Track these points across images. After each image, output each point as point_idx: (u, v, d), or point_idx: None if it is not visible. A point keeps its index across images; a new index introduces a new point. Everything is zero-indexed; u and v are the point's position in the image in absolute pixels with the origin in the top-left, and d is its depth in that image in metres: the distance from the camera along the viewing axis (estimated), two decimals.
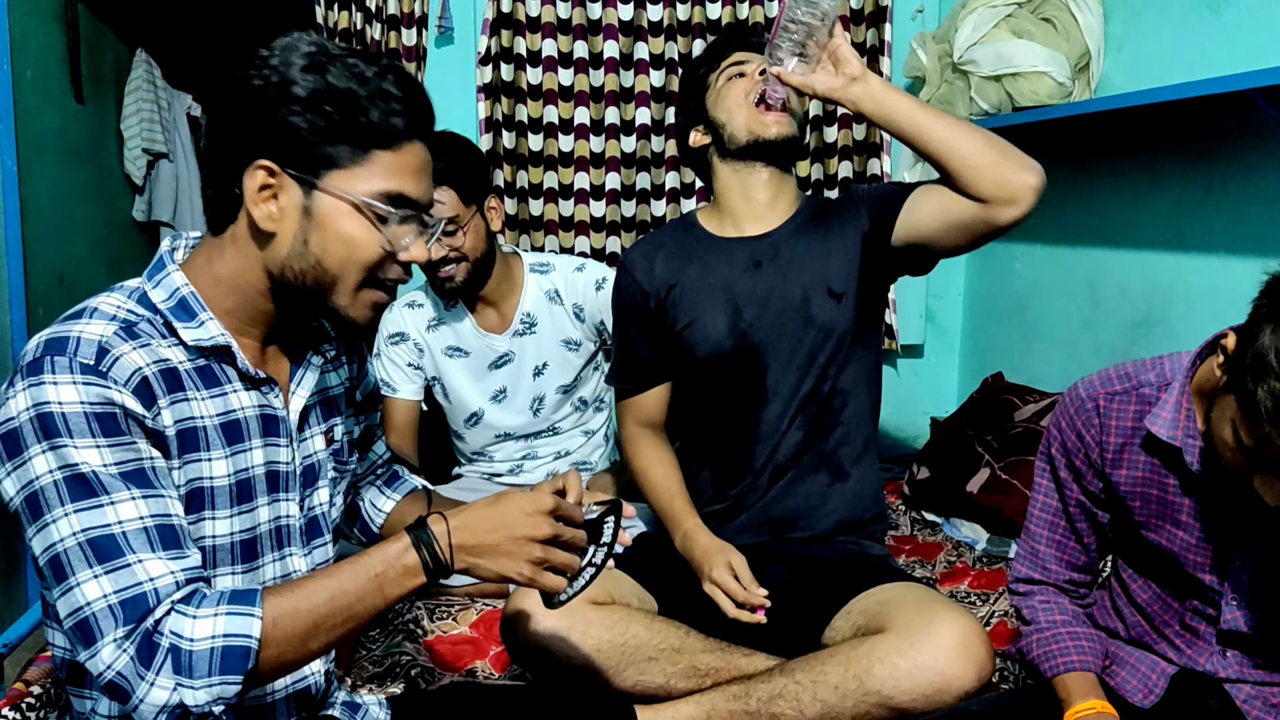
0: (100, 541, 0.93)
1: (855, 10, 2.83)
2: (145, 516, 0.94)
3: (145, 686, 0.90)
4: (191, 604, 0.93)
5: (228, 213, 1.05)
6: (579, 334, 2.19)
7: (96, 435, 0.94)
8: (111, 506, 0.93)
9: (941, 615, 1.44)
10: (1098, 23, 2.39)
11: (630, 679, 1.51)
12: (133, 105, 3.31)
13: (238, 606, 0.94)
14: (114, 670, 0.91)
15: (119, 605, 0.91)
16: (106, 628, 0.91)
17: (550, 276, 2.19)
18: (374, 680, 1.65)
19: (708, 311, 1.72)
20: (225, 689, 0.92)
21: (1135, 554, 1.34)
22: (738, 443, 1.74)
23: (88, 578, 0.92)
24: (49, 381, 0.94)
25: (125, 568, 0.92)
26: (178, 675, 0.91)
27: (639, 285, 1.79)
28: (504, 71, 2.82)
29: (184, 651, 0.91)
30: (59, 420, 0.93)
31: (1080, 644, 1.31)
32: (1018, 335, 2.81)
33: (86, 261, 2.99)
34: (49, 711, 1.42)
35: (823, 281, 1.69)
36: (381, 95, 1.02)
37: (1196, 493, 1.23)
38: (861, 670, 1.42)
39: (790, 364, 1.70)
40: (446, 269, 2.03)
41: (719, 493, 1.76)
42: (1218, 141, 2.05)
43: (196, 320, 1.04)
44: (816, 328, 1.68)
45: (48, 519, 0.93)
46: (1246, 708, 1.24)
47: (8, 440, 0.95)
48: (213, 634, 0.92)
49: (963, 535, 2.26)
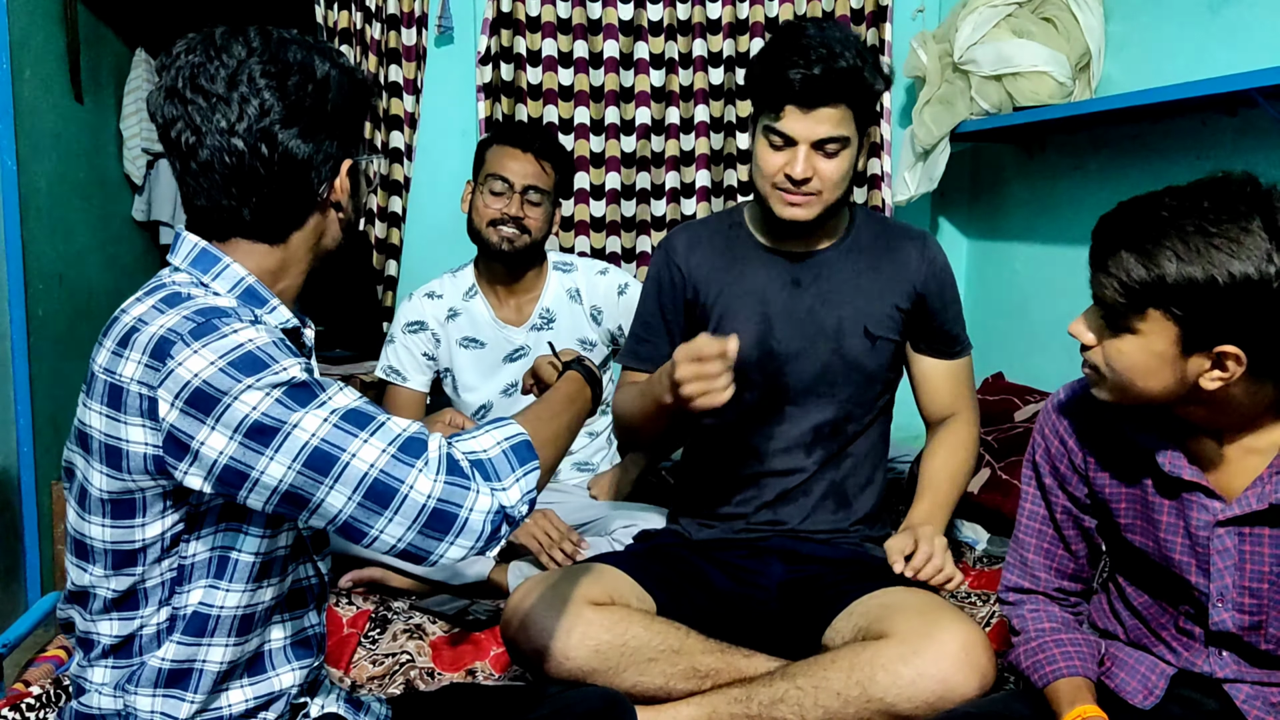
0: (349, 414, 0.97)
1: (855, 10, 2.83)
2: (359, 399, 1.00)
3: (472, 496, 0.96)
4: (453, 437, 1.02)
5: (295, 218, 1.09)
6: (594, 335, 2.20)
7: (293, 356, 0.99)
8: (340, 393, 0.99)
9: (944, 623, 1.44)
10: (1098, 22, 2.39)
11: (629, 680, 1.51)
12: (132, 105, 3.31)
13: (495, 423, 1.05)
14: (435, 498, 0.95)
15: (402, 450, 0.96)
16: (402, 471, 0.95)
17: (572, 275, 2.20)
18: (374, 680, 1.65)
19: (739, 319, 1.69)
20: (529, 479, 1.00)
21: (1124, 558, 1.34)
22: (748, 455, 1.73)
23: (358, 445, 0.95)
24: (229, 331, 0.97)
25: (384, 425, 0.97)
26: (490, 481, 0.98)
27: (679, 270, 1.76)
28: (504, 71, 2.82)
29: (484, 462, 0.99)
30: (258, 353, 0.97)
31: (1067, 650, 1.31)
32: (1018, 335, 2.81)
33: (86, 261, 2.99)
34: (49, 711, 1.42)
35: (860, 320, 1.69)
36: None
37: (1173, 494, 1.23)
38: (864, 677, 1.42)
39: (811, 390, 1.70)
40: (510, 229, 2.08)
41: (724, 496, 1.76)
42: (1218, 141, 2.05)
43: (268, 306, 1.08)
44: (845, 362, 1.69)
45: (287, 427, 0.94)
46: (1246, 708, 1.24)
47: (199, 398, 0.95)
48: (495, 442, 1.01)
49: (963, 535, 2.26)
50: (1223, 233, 1.05)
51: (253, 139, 1.02)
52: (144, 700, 1.07)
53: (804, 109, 1.55)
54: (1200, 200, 1.08)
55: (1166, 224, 1.07)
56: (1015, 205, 2.81)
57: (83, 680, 1.10)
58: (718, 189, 2.96)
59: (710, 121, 2.92)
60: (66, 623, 1.14)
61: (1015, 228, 2.80)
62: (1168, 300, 1.08)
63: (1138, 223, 1.10)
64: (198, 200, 1.06)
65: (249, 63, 1.02)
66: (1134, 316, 1.11)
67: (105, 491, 1.02)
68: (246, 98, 1.02)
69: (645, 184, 2.92)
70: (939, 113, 2.58)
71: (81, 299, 2.91)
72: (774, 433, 1.71)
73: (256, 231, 1.07)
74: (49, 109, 2.76)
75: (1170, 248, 1.06)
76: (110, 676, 1.08)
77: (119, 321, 1.02)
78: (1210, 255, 1.05)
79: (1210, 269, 1.05)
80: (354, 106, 1.11)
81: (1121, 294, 1.10)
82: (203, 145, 1.03)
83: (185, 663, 1.06)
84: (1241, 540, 1.20)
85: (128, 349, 0.98)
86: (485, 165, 2.11)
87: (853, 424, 1.72)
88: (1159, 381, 1.13)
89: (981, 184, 3.00)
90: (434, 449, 0.97)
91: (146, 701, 1.07)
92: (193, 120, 1.02)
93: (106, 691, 1.08)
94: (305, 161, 1.06)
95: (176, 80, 1.03)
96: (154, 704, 1.07)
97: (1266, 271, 1.04)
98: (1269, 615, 1.22)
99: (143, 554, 1.04)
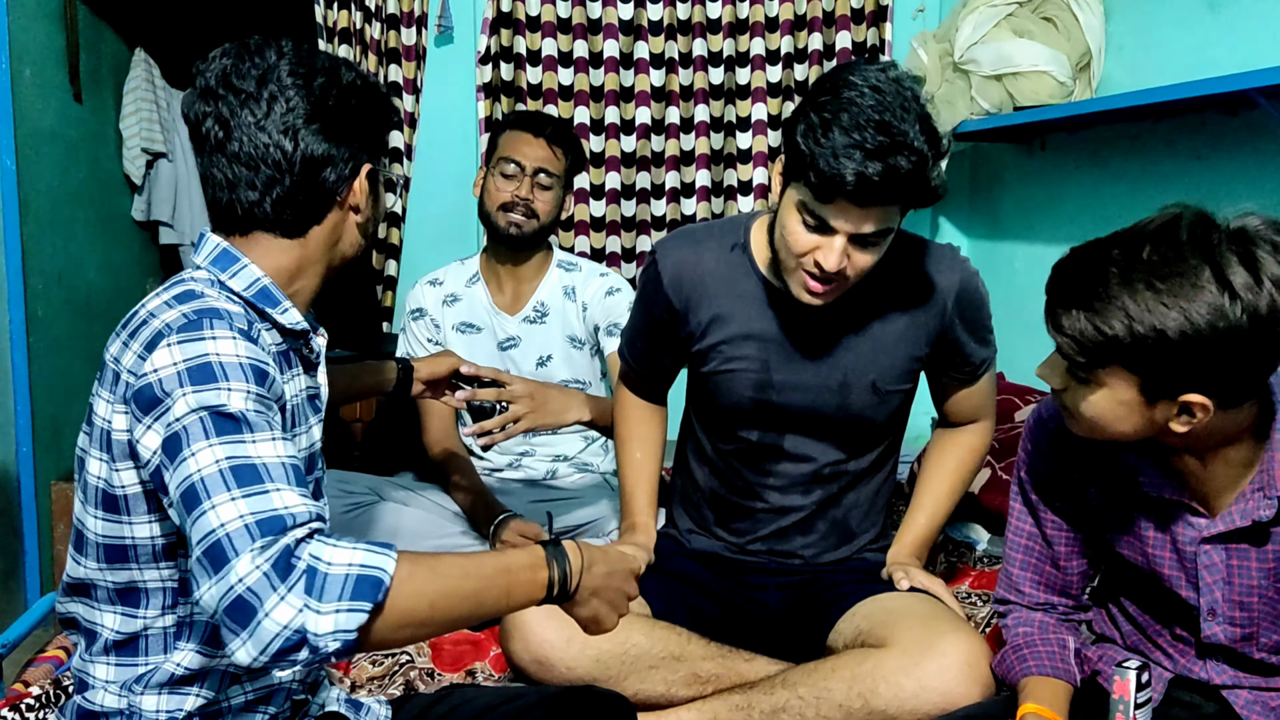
0: (240, 468, 0.92)
1: (855, 10, 2.82)
2: (283, 456, 0.96)
3: (275, 600, 0.85)
4: (330, 536, 0.92)
5: (314, 214, 1.12)
6: (583, 333, 2.20)
7: (249, 382, 0.98)
8: (263, 442, 0.95)
9: (947, 634, 1.42)
10: (1098, 22, 2.39)
11: (631, 687, 1.49)
12: (132, 105, 3.30)
13: (376, 547, 0.92)
14: (245, 585, 0.86)
15: (255, 524, 0.89)
16: (241, 545, 0.87)
17: (573, 275, 2.22)
18: (374, 680, 1.65)
19: (736, 365, 1.58)
20: (350, 618, 0.87)
21: (1117, 570, 1.34)
22: (745, 486, 1.67)
23: (222, 500, 0.90)
24: (208, 337, 0.98)
25: (262, 492, 0.91)
26: (308, 596, 0.86)
27: (667, 298, 1.60)
28: (504, 71, 2.82)
29: (319, 573, 0.87)
30: (216, 367, 0.97)
31: (1038, 650, 1.31)
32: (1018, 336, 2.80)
33: (85, 261, 2.99)
34: (49, 711, 1.42)
35: (868, 373, 1.57)
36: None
37: (1158, 509, 1.23)
38: (866, 689, 1.40)
39: (812, 437, 1.62)
40: (518, 213, 2.09)
41: (719, 518, 1.71)
42: (1218, 141, 2.05)
43: (281, 306, 1.11)
44: (849, 414, 1.59)
45: (185, 453, 0.93)
46: (1246, 713, 1.24)
47: (146, 394, 0.97)
48: (349, 562, 0.89)
49: (963, 535, 2.26)
50: (1171, 289, 1.03)
51: (277, 133, 1.07)
52: (150, 700, 1.08)
53: (856, 205, 1.34)
54: (1150, 252, 1.05)
55: (1115, 280, 1.05)
56: (1015, 205, 2.81)
57: (85, 675, 1.11)
58: (718, 189, 2.96)
59: (710, 121, 2.92)
60: (66, 619, 1.14)
61: (1015, 227, 2.80)
62: (1122, 357, 1.07)
63: (1087, 279, 1.08)
64: (221, 194, 1.10)
65: (279, 65, 1.08)
66: (1095, 369, 1.10)
67: (101, 479, 1.04)
68: (275, 95, 1.07)
69: (645, 184, 2.91)
70: (939, 113, 2.58)
71: (81, 299, 2.91)
72: (770, 470, 1.64)
73: (277, 225, 1.11)
74: (49, 109, 2.75)
75: (1121, 306, 1.04)
76: (115, 674, 1.09)
77: (136, 315, 1.05)
78: (1159, 313, 1.03)
79: (1161, 325, 1.03)
80: (376, 115, 1.16)
81: (1078, 352, 1.09)
82: (230, 138, 1.08)
83: (202, 669, 1.09)
84: (1229, 555, 1.19)
85: (134, 340, 1.02)
86: (498, 150, 2.14)
87: (855, 462, 1.65)
88: (1129, 425, 1.12)
89: (981, 184, 3.00)
90: (289, 535, 0.89)
91: (153, 701, 1.08)
92: (221, 114, 1.08)
93: (112, 690, 1.09)
94: (325, 159, 1.10)
95: (210, 80, 1.08)
96: (160, 703, 1.08)
97: (1217, 324, 1.01)
98: (1260, 627, 1.21)
99: (133, 550, 1.06)
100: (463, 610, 0.96)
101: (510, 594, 1.00)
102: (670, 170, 2.90)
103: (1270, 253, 1.02)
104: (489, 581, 0.98)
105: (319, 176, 1.10)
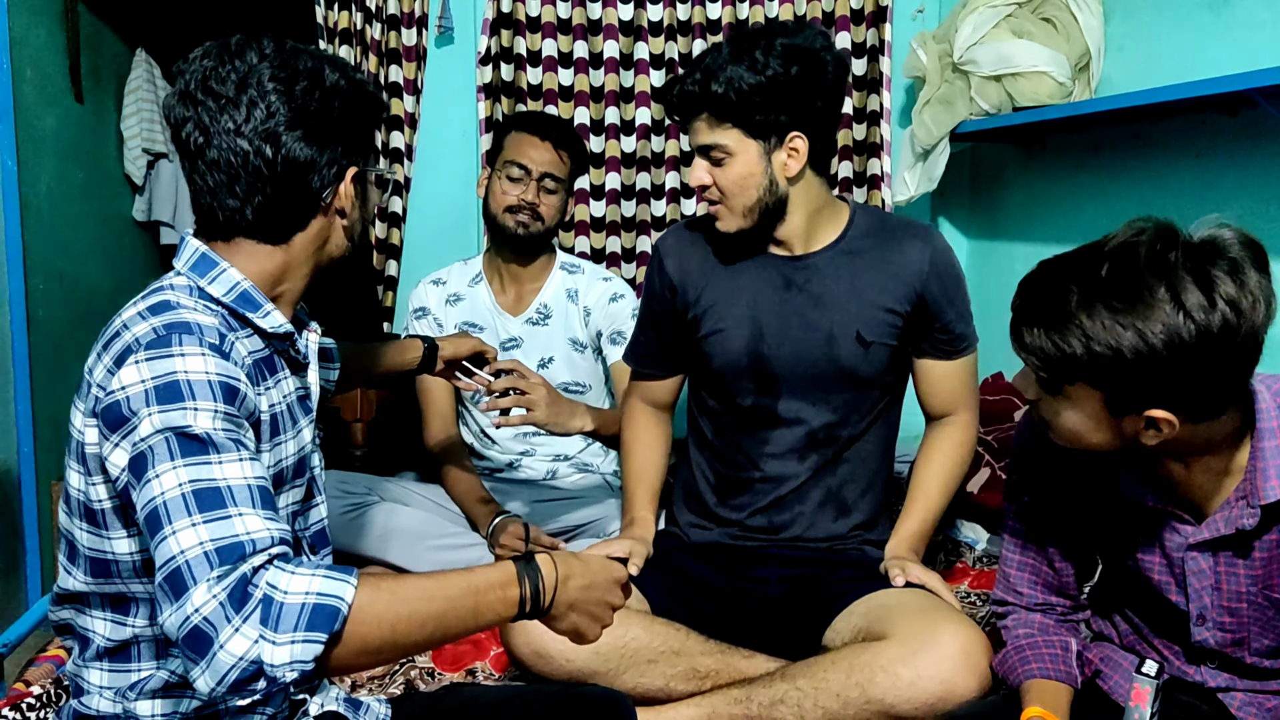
0: (203, 492, 0.91)
1: (855, 10, 2.82)
2: (249, 477, 0.95)
3: (229, 632, 0.85)
4: (290, 562, 0.91)
5: (297, 220, 1.10)
6: (584, 336, 2.20)
7: (217, 401, 0.96)
8: (230, 463, 0.94)
9: (944, 625, 1.44)
10: (1098, 23, 2.39)
11: (630, 681, 1.50)
12: (132, 105, 3.31)
13: (335, 573, 0.91)
14: (201, 615, 0.86)
15: (214, 552, 0.88)
16: (200, 573, 0.87)
17: (576, 277, 2.23)
18: (374, 680, 1.65)
19: (729, 324, 1.69)
20: (306, 649, 0.87)
21: (1111, 572, 1.34)
22: (744, 457, 1.73)
23: (183, 525, 0.89)
24: (176, 354, 0.97)
25: (225, 519, 0.90)
26: (263, 626, 0.86)
27: (668, 277, 1.76)
28: (504, 71, 2.82)
29: (275, 603, 0.87)
30: (183, 386, 0.95)
31: (1040, 652, 1.32)
32: None
33: (86, 261, 2.99)
34: (49, 711, 1.42)
35: (852, 324, 1.65)
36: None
37: (1146, 515, 1.23)
38: (864, 679, 1.42)
39: (805, 396, 1.68)
40: (523, 215, 2.10)
41: (720, 497, 1.76)
42: (1218, 141, 2.05)
43: (262, 310, 1.09)
44: (838, 368, 1.66)
45: (150, 474, 0.92)
46: (1241, 714, 1.24)
47: (114, 411, 0.96)
48: (307, 590, 0.88)
49: (963, 535, 2.26)
50: (1127, 309, 1.04)
51: (257, 140, 1.05)
52: (145, 705, 1.08)
53: (682, 122, 1.64)
54: (1109, 270, 1.07)
55: (1074, 299, 1.07)
56: (1015, 205, 2.81)
57: (80, 680, 1.11)
58: None
59: None
60: (60, 625, 1.14)
61: (1015, 228, 2.80)
62: (1084, 374, 1.08)
63: (1047, 296, 1.10)
64: (203, 199, 1.09)
65: (260, 68, 1.05)
66: (1061, 384, 1.11)
67: (81, 492, 1.04)
68: (255, 101, 1.05)
69: (645, 184, 2.91)
70: (939, 113, 2.58)
71: (81, 299, 2.91)
72: (767, 437, 1.70)
73: (259, 231, 1.09)
74: (49, 109, 2.76)
75: (1079, 325, 1.06)
76: (108, 680, 1.08)
77: (112, 324, 1.04)
78: (1115, 332, 1.04)
79: (1118, 344, 1.04)
80: (362, 116, 1.13)
81: (1041, 368, 1.11)
82: (210, 145, 1.05)
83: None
84: (1216, 562, 1.20)
85: (106, 352, 1.01)
86: (504, 152, 2.14)
87: (848, 429, 1.70)
88: (1102, 436, 1.14)
89: (981, 184, 3.00)
90: (247, 563, 0.89)
91: (148, 705, 1.08)
92: (201, 121, 1.05)
93: (107, 696, 1.08)
94: (308, 164, 1.08)
95: (190, 83, 1.06)
96: (155, 707, 1.08)
97: (1173, 343, 1.03)
98: (1250, 632, 1.21)
99: (115, 566, 1.05)
100: (425, 633, 0.95)
101: (478, 614, 0.98)
102: (670, 170, 2.90)
103: (1226, 272, 1.04)
104: (453, 603, 0.96)
105: (302, 182, 1.08)
